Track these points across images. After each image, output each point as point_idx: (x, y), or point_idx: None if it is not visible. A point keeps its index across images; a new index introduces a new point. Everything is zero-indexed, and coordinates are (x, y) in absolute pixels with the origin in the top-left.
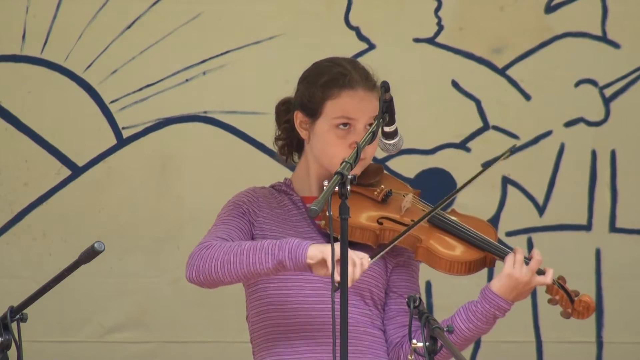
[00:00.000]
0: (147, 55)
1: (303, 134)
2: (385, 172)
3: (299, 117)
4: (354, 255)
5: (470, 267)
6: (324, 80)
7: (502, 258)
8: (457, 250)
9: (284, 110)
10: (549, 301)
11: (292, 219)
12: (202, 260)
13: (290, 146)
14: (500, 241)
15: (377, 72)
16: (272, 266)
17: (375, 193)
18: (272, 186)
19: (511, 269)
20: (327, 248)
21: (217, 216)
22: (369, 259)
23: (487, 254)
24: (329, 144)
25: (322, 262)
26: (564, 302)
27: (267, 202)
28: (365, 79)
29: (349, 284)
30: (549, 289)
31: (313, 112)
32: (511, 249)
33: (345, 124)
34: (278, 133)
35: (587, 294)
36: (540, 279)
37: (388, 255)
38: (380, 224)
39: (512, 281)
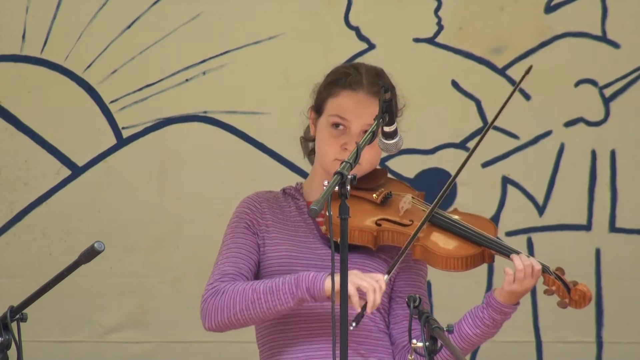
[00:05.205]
0: (147, 55)
1: (312, 130)
2: (390, 176)
3: (311, 115)
4: (370, 280)
5: (467, 263)
6: (330, 79)
7: (500, 253)
8: (453, 246)
9: None
10: (545, 292)
11: (293, 224)
12: (218, 310)
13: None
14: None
15: None
16: (293, 305)
17: (374, 196)
18: (283, 189)
19: (511, 286)
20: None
21: (226, 232)
22: (385, 277)
23: (484, 249)
24: (323, 141)
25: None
26: (561, 292)
27: (270, 208)
28: (370, 84)
29: (369, 310)
30: (546, 280)
31: (318, 109)
32: (510, 248)
33: (338, 125)
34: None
35: (583, 283)
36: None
37: (392, 260)
38: (379, 225)
39: (514, 294)
